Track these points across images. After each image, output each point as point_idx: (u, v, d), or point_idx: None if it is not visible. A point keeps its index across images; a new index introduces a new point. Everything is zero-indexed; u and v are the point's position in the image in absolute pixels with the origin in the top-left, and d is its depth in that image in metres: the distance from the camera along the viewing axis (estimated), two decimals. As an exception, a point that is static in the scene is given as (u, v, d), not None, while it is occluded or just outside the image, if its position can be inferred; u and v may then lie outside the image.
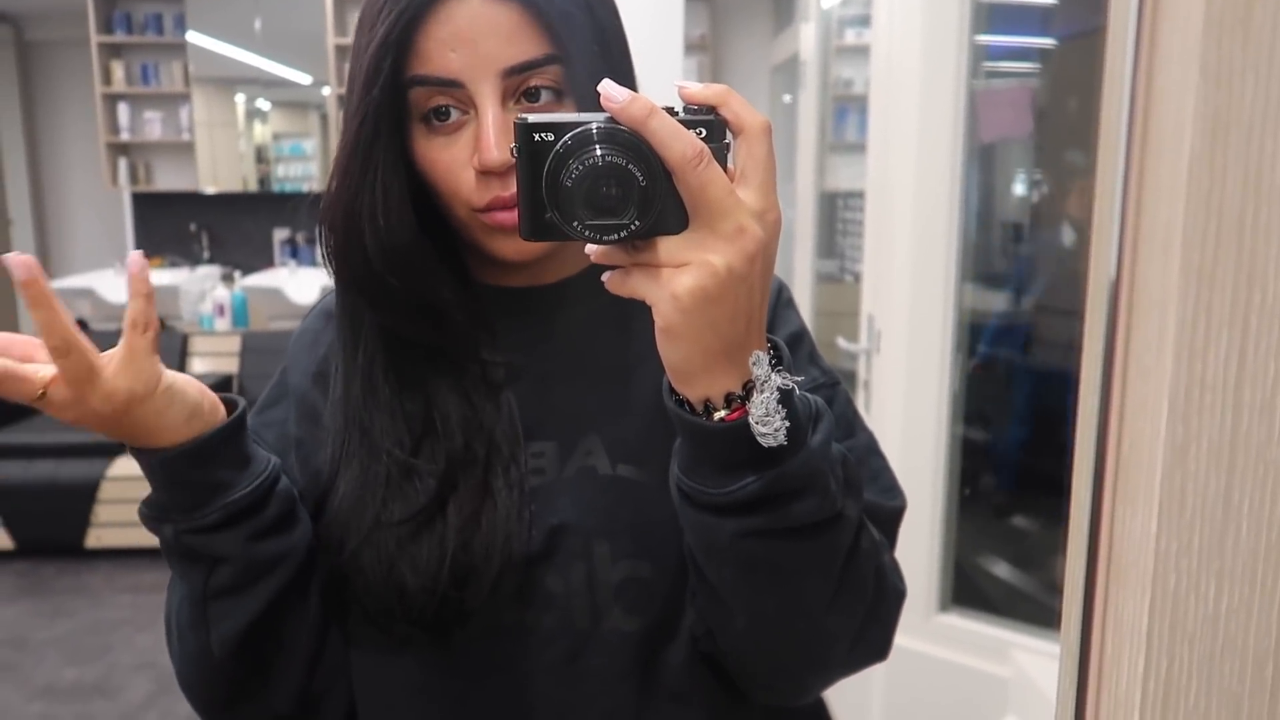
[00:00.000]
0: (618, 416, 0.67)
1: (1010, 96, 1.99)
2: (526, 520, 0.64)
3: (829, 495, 0.52)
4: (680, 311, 0.46)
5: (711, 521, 0.53)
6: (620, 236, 0.46)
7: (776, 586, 0.55)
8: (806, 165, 2.91)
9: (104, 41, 5.56)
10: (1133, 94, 0.21)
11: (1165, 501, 0.20)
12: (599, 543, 0.64)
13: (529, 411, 0.67)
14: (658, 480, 0.64)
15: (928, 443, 1.88)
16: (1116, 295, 0.21)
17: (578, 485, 0.66)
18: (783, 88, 5.01)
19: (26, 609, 3.41)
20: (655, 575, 0.64)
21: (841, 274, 3.86)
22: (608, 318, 0.67)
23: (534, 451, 0.66)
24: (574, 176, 0.45)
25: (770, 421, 0.48)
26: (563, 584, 0.64)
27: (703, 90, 0.48)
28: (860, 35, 3.91)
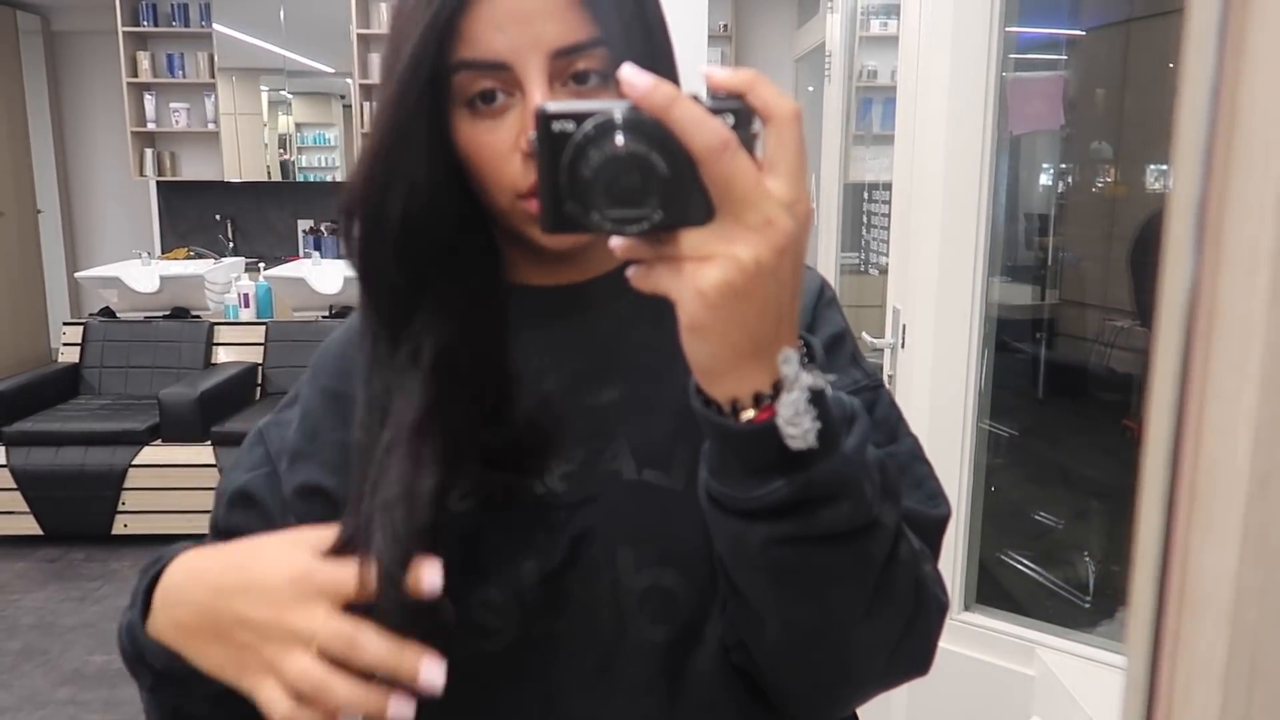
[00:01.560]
0: (645, 419, 0.65)
1: (1042, 87, 1.95)
2: (551, 532, 0.63)
3: (864, 502, 0.50)
4: (706, 308, 0.44)
5: (740, 527, 0.51)
6: (642, 228, 0.44)
7: (808, 595, 0.53)
8: (831, 157, 2.88)
9: (130, 32, 5.60)
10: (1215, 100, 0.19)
11: (1248, 534, 0.19)
12: (623, 550, 0.63)
13: (556, 414, 0.66)
14: (683, 485, 0.63)
15: (953, 439, 1.86)
16: (1194, 315, 0.20)
17: (603, 491, 0.64)
18: (807, 78, 4.97)
19: (55, 594, 3.45)
20: (680, 583, 0.62)
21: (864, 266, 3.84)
22: (639, 316, 0.65)
23: (565, 456, 0.65)
24: (594, 166, 0.43)
25: (800, 423, 0.46)
26: (588, 593, 0.63)
27: (730, 76, 0.45)
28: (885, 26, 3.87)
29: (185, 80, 5.74)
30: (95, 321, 4.42)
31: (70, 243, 6.62)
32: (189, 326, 4.36)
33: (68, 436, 3.80)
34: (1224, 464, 0.19)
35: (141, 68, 5.68)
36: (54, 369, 4.29)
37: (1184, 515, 0.21)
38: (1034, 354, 2.97)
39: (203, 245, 5.87)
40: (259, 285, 4.52)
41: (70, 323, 4.46)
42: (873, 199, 3.75)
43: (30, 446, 3.78)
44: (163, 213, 6.09)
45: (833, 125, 2.85)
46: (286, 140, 5.92)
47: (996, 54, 1.80)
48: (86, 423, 3.86)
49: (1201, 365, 0.20)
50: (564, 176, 0.44)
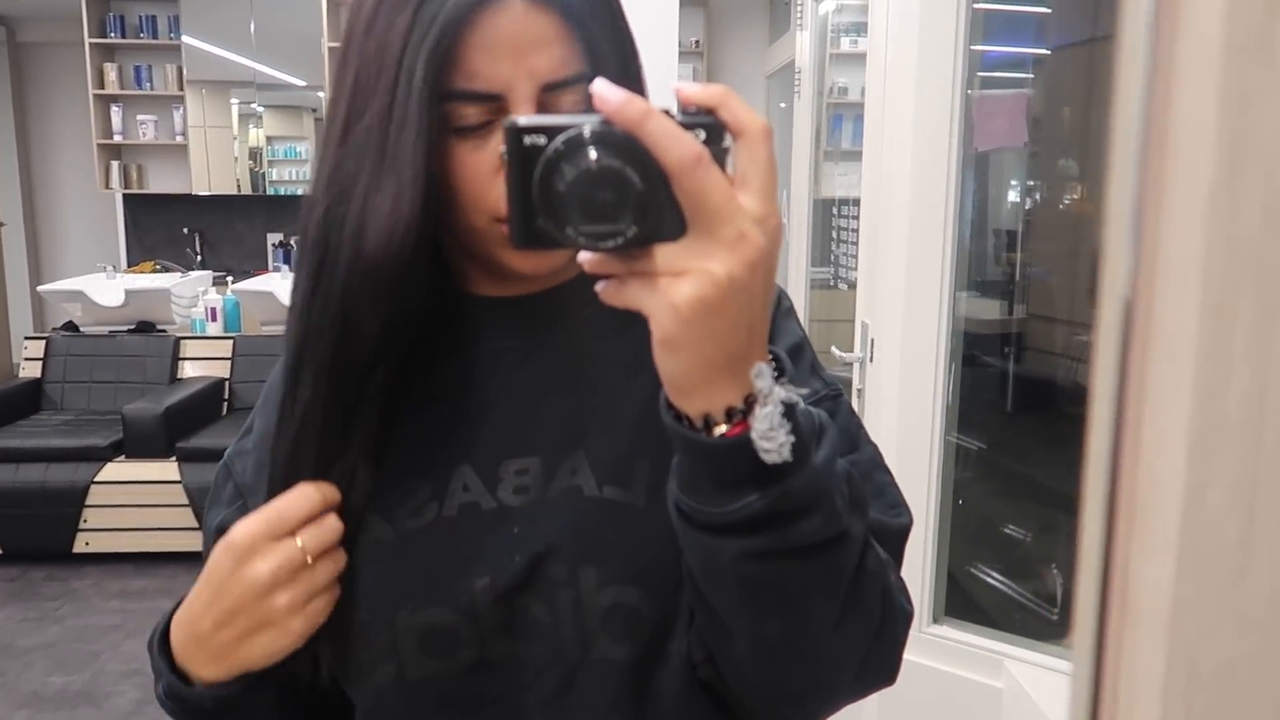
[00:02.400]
0: (605, 433, 0.65)
1: (1006, 105, 1.98)
2: (505, 548, 0.63)
3: (834, 513, 0.50)
4: (679, 322, 0.44)
5: (712, 542, 0.51)
6: (616, 244, 0.43)
7: (780, 609, 0.53)
8: (802, 172, 2.91)
9: (97, 43, 5.54)
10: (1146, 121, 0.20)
11: (1184, 546, 0.19)
12: (585, 569, 0.62)
13: (514, 426, 0.65)
14: (644, 501, 0.63)
15: (921, 452, 1.87)
16: (1129, 330, 0.20)
17: (563, 507, 0.63)
18: (778, 94, 5.01)
19: (13, 615, 3.38)
20: (643, 601, 0.62)
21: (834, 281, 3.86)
22: (601, 327, 0.64)
23: (517, 468, 0.65)
24: (568, 181, 0.43)
25: (774, 437, 0.46)
26: (549, 613, 0.62)
27: (701, 91, 0.46)
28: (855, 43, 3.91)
29: (153, 92, 5.69)
30: (58, 336, 4.35)
31: (34, 256, 6.53)
32: (154, 341, 4.30)
33: (28, 453, 3.73)
34: (1162, 477, 0.20)
35: (109, 79, 5.63)
36: (15, 384, 4.22)
37: (1124, 527, 0.21)
38: (1002, 368, 3.00)
39: (170, 259, 5.80)
40: (226, 299, 4.47)
41: (32, 337, 4.39)
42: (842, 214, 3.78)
43: (-8, 463, 3.71)
44: (129, 226, 6.02)
45: (803, 141, 2.87)
46: (257, 153, 5.88)
47: (962, 72, 1.83)
48: (48, 439, 3.79)
49: (1139, 377, 0.20)
50: (536, 191, 0.43)
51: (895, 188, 1.90)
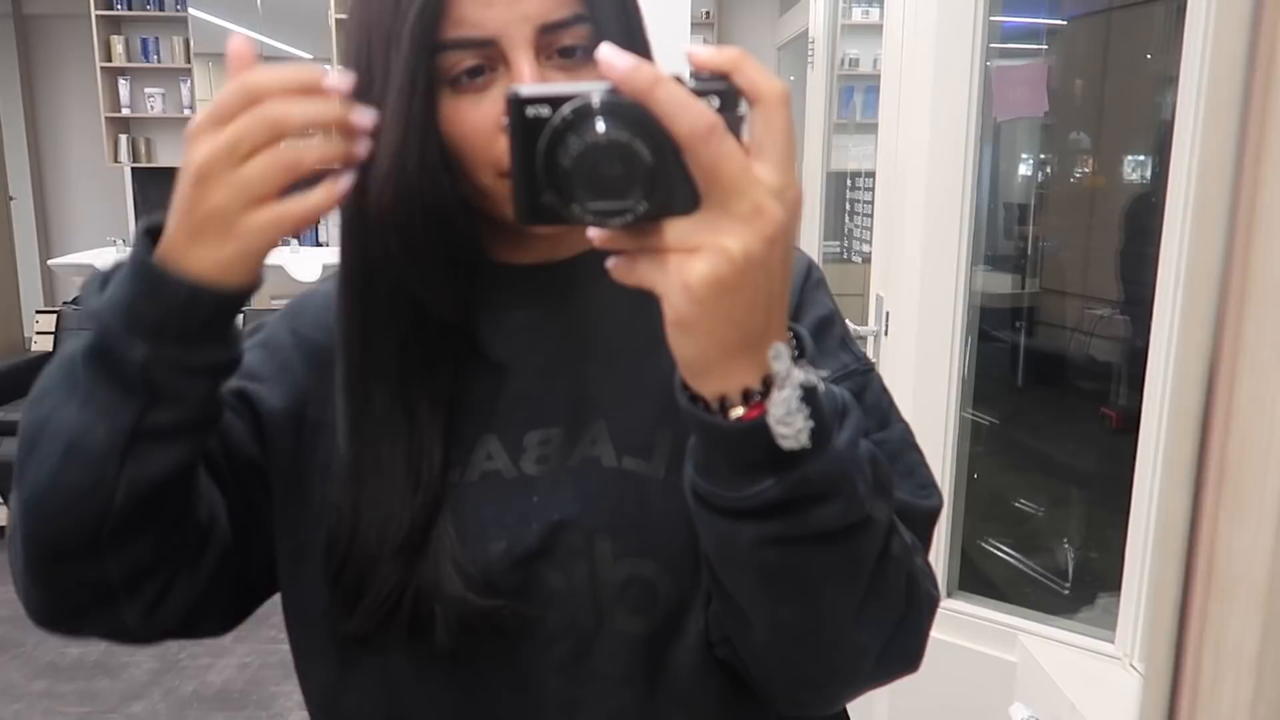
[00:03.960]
0: (626, 403, 0.64)
1: (1026, 74, 1.96)
2: (524, 516, 0.62)
3: (856, 499, 0.48)
4: (693, 302, 0.42)
5: (728, 527, 0.49)
6: (625, 220, 0.41)
7: (799, 596, 0.51)
8: (815, 145, 2.88)
9: (103, 15, 5.51)
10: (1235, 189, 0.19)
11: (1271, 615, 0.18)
12: (601, 540, 0.61)
13: (537, 394, 0.65)
14: (664, 473, 0.62)
15: (937, 427, 1.86)
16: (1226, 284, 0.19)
17: (581, 477, 0.63)
18: (789, 66, 4.96)
19: (29, 586, 3.41)
20: (659, 574, 0.61)
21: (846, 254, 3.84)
22: (623, 296, 0.64)
23: (540, 438, 0.64)
24: (573, 155, 0.41)
25: (792, 422, 0.44)
26: (564, 581, 0.62)
27: (714, 55, 0.43)
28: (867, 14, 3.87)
29: (160, 65, 5.65)
30: (70, 310, 4.36)
31: (43, 230, 6.53)
32: (165, 315, 4.31)
33: (42, 426, 3.75)
34: (1260, 439, 0.19)
35: (115, 52, 5.60)
36: (27, 358, 4.23)
37: (1212, 493, 0.20)
38: (1013, 342, 2.99)
39: (179, 233, 5.80)
40: (236, 273, 4.46)
41: (44, 311, 4.40)
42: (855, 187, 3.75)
43: (4, 436, 3.72)
44: (137, 199, 6.00)
45: (816, 113, 2.84)
46: (264, 127, 5.86)
47: (981, 42, 1.80)
48: (61, 412, 3.81)
49: (1233, 337, 0.19)
50: (540, 165, 0.41)
51: (912, 160, 1.88)
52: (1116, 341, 2.91)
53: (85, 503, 0.54)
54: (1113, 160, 3.13)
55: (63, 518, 0.54)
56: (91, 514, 0.54)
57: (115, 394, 0.53)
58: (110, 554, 0.56)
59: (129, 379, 0.52)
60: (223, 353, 0.55)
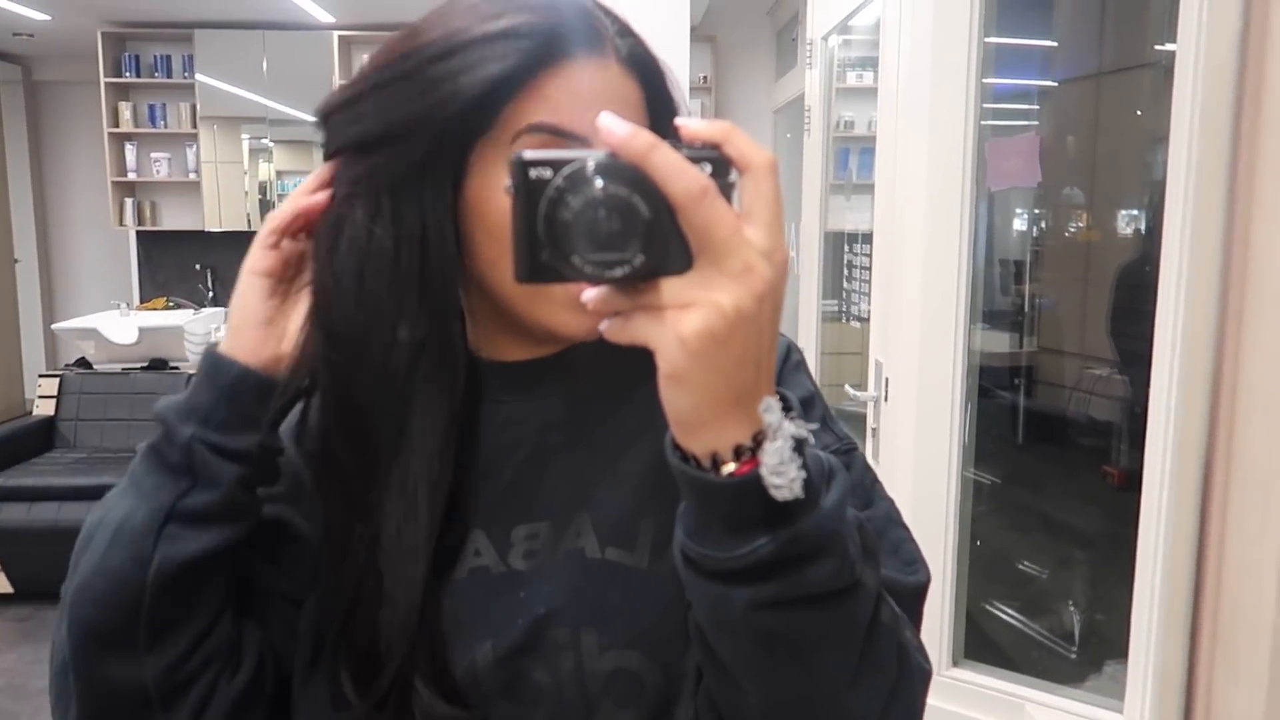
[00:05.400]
0: (609, 494, 0.64)
1: (1019, 146, 1.99)
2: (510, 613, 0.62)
3: (847, 559, 0.49)
4: (687, 355, 0.43)
5: (722, 591, 0.49)
6: (624, 273, 0.43)
7: (794, 663, 0.51)
8: (812, 207, 2.91)
9: (112, 82, 5.61)
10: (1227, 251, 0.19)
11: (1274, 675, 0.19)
12: (587, 632, 0.61)
13: (524, 489, 0.65)
14: (647, 563, 0.62)
15: (938, 491, 1.86)
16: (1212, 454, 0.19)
17: (566, 570, 0.63)
18: (785, 127, 5.04)
19: (25, 655, 3.36)
20: (646, 665, 0.61)
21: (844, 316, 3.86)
22: (605, 390, 0.65)
23: (528, 533, 0.64)
24: (574, 210, 0.42)
25: (785, 471, 0.45)
26: (550, 677, 0.61)
27: (706, 127, 0.45)
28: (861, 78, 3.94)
29: (167, 130, 5.74)
30: (71, 373, 4.37)
31: (47, 293, 6.57)
32: (167, 378, 4.32)
33: (41, 492, 3.73)
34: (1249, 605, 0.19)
35: (123, 118, 5.69)
36: (28, 422, 4.23)
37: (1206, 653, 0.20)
38: (1013, 401, 2.99)
39: (182, 295, 5.83)
40: (238, 335, 4.47)
41: (46, 374, 4.40)
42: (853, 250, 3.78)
43: (2, 502, 3.70)
44: (142, 262, 6.06)
45: (813, 176, 2.88)
46: (267, 187, 5.92)
47: (975, 104, 1.83)
48: (61, 477, 3.79)
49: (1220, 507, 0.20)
50: (541, 224, 0.43)
51: (909, 223, 1.90)
52: (1115, 400, 2.91)
53: (124, 581, 0.58)
54: (1106, 216, 3.16)
55: (104, 600, 0.59)
56: (130, 593, 0.58)
57: (160, 479, 0.60)
58: (148, 650, 0.59)
59: (173, 464, 0.60)
60: (256, 441, 0.61)
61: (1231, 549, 0.18)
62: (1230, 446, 0.20)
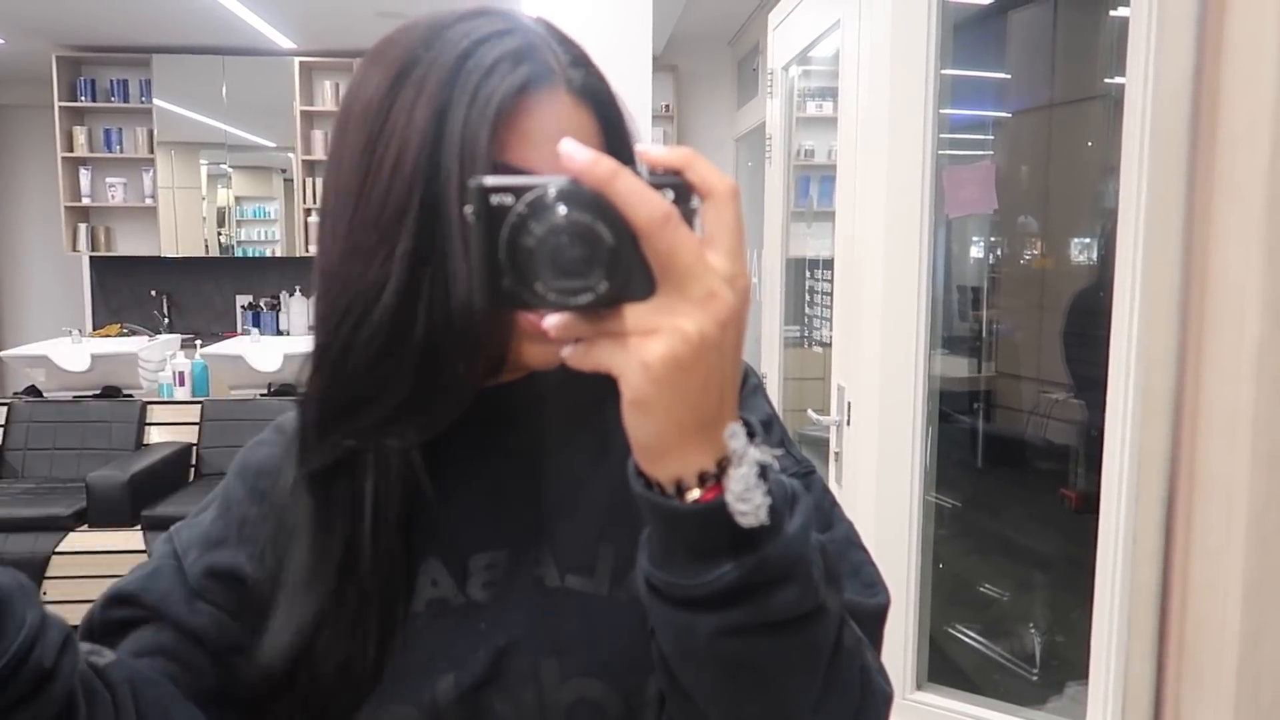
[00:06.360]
0: (568, 521, 0.64)
1: (976, 175, 2.03)
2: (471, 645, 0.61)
3: (811, 585, 0.49)
4: (651, 381, 0.43)
5: (687, 619, 0.48)
6: (587, 300, 0.43)
7: (759, 690, 0.51)
8: (774, 233, 2.94)
9: (67, 106, 5.53)
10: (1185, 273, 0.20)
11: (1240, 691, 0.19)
12: (547, 661, 0.61)
13: (481, 517, 0.64)
14: (607, 590, 0.62)
15: (901, 515, 1.87)
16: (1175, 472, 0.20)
17: (525, 600, 0.62)
18: (746, 156, 5.10)
19: (-33, 692, 3.26)
20: (607, 695, 0.60)
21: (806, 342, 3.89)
22: (564, 417, 0.64)
23: (487, 562, 0.63)
24: (537, 237, 0.42)
25: (751, 498, 0.45)
26: (512, 709, 0.61)
27: (667, 154, 0.45)
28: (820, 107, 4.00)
29: (123, 155, 5.67)
30: (20, 401, 4.27)
31: (-4, 319, 6.43)
32: (120, 406, 4.23)
33: (-13, 522, 3.63)
34: (1214, 621, 0.19)
35: (78, 142, 5.61)
36: (-25, 451, 4.12)
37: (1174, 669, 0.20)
38: (972, 425, 3.03)
39: (137, 321, 5.73)
40: (195, 363, 4.41)
41: (-6, 402, 4.30)
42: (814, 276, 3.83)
43: (-52, 530, 3.60)
44: (95, 288, 5.95)
45: (774, 204, 2.91)
46: (225, 214, 5.86)
47: (932, 135, 1.87)
48: (8, 508, 3.69)
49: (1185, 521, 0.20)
50: (503, 251, 0.43)
51: (869, 249, 1.93)
52: (1072, 424, 2.96)
53: None
54: (1060, 244, 3.23)
55: None
56: None
57: None
58: None
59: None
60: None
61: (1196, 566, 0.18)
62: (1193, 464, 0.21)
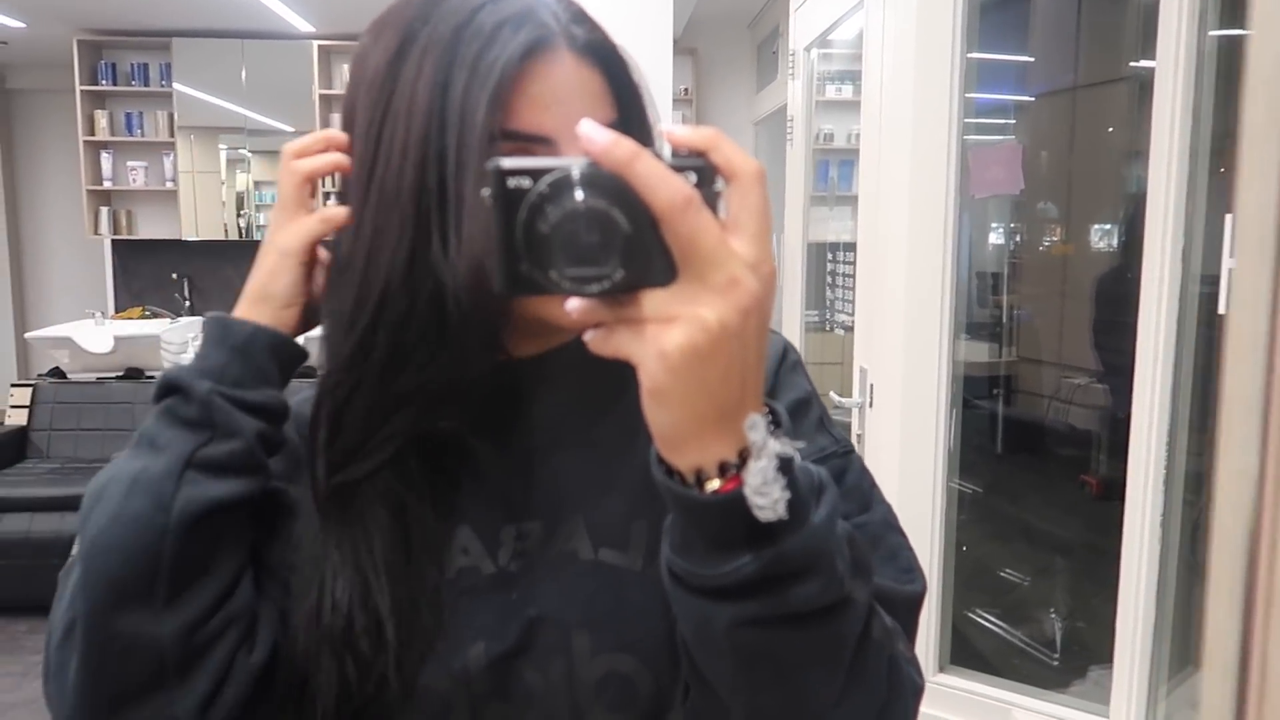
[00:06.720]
0: (601, 496, 0.63)
1: (1002, 154, 2.01)
2: (503, 615, 0.61)
3: (834, 578, 0.47)
4: (669, 371, 0.42)
5: (705, 607, 0.48)
6: (602, 288, 0.41)
7: (778, 681, 0.50)
8: (795, 217, 2.93)
9: (88, 90, 5.56)
10: None
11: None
12: (578, 635, 0.60)
13: (515, 488, 0.64)
14: (641, 565, 0.61)
15: (924, 497, 1.87)
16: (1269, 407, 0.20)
17: (558, 571, 0.62)
18: (766, 140, 5.07)
19: (-5, 669, 3.31)
20: (638, 670, 0.60)
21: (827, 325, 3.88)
22: (596, 390, 0.63)
23: (518, 533, 0.63)
24: (551, 223, 0.41)
25: (768, 492, 0.43)
26: (542, 680, 0.61)
27: (691, 135, 0.44)
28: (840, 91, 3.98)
29: (144, 139, 5.69)
30: (45, 383, 4.31)
31: (19, 302, 6.49)
32: (143, 387, 4.26)
33: (13, 503, 3.67)
34: None
35: (99, 126, 5.63)
36: (0, 432, 4.17)
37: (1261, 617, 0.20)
38: (992, 410, 3.01)
39: (158, 304, 5.77)
40: (216, 345, 4.43)
41: (19, 384, 4.34)
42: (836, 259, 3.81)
43: (-19, 511, 3.65)
44: (117, 271, 5.99)
45: (795, 186, 2.89)
46: (244, 198, 5.88)
47: (957, 119, 1.85)
48: (33, 488, 3.73)
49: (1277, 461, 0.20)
50: (520, 234, 0.42)
51: (892, 234, 1.92)
52: (1094, 410, 2.94)
53: (145, 525, 0.56)
54: (1081, 229, 3.20)
55: (124, 546, 0.56)
56: (151, 537, 0.56)
57: (177, 432, 0.59)
58: (167, 605, 0.56)
59: (191, 418, 0.59)
60: (274, 395, 0.61)
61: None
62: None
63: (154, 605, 0.56)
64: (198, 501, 0.57)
